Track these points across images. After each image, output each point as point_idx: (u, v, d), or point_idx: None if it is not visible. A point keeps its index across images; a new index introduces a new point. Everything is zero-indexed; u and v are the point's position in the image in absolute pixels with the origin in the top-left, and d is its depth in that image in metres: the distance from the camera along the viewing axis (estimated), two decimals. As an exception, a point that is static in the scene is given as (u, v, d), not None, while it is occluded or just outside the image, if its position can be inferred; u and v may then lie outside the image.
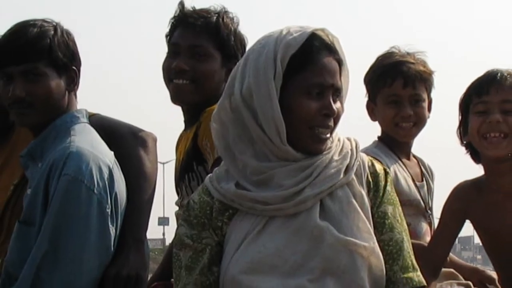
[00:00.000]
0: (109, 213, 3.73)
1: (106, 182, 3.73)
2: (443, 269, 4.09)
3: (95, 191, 3.68)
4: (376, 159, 3.34)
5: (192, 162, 4.24)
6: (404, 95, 4.39)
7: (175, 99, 4.29)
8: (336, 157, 3.09)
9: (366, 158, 3.21)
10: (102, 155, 3.79)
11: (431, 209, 4.55)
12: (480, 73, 4.06)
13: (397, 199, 3.23)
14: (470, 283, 4.18)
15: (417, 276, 3.12)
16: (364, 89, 4.51)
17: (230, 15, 4.30)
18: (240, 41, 4.30)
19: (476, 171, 4.09)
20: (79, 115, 3.95)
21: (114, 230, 3.77)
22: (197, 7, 4.31)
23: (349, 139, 3.19)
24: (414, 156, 4.62)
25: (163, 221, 64.94)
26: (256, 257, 2.99)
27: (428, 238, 4.30)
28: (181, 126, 4.43)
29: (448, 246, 4.06)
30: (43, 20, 3.89)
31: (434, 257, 3.95)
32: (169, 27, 4.34)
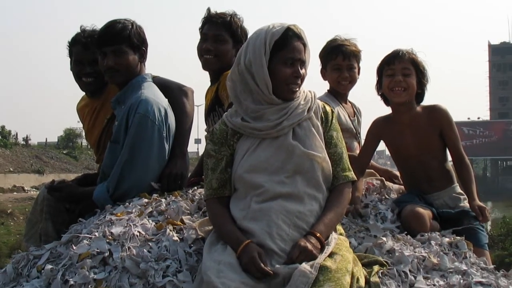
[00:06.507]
0: (165, 136, 3.75)
1: (163, 117, 3.74)
2: (367, 170, 4.12)
3: (156, 123, 3.70)
4: (327, 103, 3.33)
5: (215, 105, 4.26)
6: (343, 65, 4.38)
7: (205, 67, 4.32)
8: (302, 102, 3.09)
9: (320, 103, 3.20)
10: (160, 101, 3.80)
11: (359, 134, 4.54)
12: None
13: (339, 128, 3.22)
14: (383, 178, 4.22)
15: (351, 174, 3.13)
16: (319, 61, 4.52)
17: (238, 16, 4.32)
18: (244, 32, 4.31)
19: (386, 110, 4.11)
20: (146, 77, 3.96)
21: (167, 146, 3.79)
22: (218, 11, 4.33)
23: (310, 91, 3.17)
24: (349, 101, 4.61)
25: (198, 141, 64.37)
26: (254, 162, 3.00)
27: (357, 152, 4.30)
28: (208, 83, 4.45)
29: (369, 156, 4.08)
30: (125, 19, 3.90)
31: (361, 162, 3.97)
32: (201, 23, 4.36)
